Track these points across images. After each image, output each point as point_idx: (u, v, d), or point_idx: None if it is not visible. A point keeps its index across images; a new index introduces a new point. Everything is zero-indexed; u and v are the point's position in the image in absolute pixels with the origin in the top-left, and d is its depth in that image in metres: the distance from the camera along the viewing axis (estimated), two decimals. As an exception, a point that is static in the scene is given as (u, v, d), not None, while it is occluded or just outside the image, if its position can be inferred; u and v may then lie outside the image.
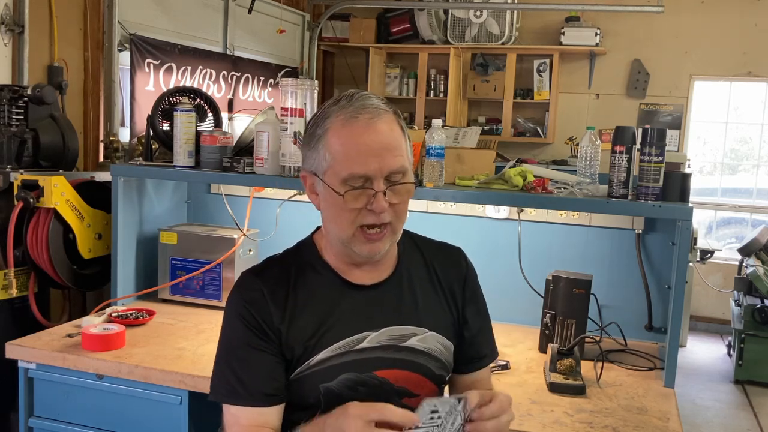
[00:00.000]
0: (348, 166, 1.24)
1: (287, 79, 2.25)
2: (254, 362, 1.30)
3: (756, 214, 6.11)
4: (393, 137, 1.27)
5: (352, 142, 1.25)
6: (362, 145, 1.24)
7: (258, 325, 1.31)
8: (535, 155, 6.14)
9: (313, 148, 1.30)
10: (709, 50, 5.88)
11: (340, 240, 1.31)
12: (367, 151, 1.24)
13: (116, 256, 2.54)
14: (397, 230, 1.32)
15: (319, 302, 1.34)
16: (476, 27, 6.00)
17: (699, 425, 3.97)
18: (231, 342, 1.34)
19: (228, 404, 1.31)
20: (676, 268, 2.11)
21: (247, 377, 1.30)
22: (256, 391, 1.29)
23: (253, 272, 1.38)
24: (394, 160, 1.26)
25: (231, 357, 1.32)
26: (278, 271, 1.37)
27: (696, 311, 5.80)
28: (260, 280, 1.35)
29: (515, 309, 2.55)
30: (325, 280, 1.36)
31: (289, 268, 1.37)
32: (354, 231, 1.28)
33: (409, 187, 1.30)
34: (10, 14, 3.16)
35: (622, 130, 2.11)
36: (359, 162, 1.24)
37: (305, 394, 1.31)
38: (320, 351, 1.31)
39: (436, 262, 1.46)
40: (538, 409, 1.87)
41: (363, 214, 1.27)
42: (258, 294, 1.33)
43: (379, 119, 1.27)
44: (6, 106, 2.62)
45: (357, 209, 1.26)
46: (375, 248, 1.30)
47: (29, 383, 2.13)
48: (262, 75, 5.06)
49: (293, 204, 2.71)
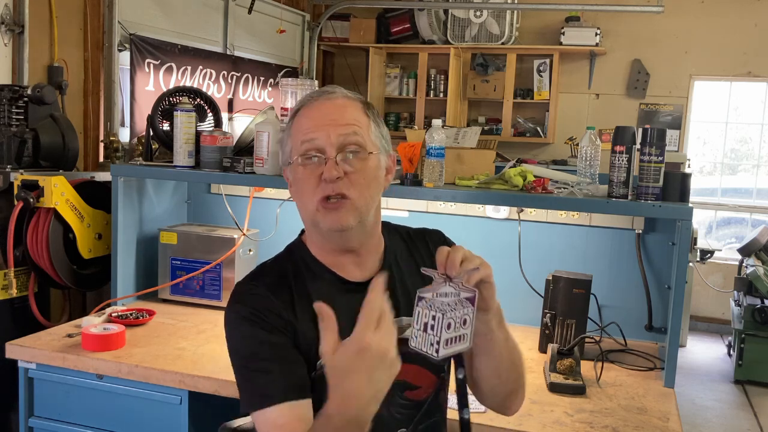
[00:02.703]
0: (300, 137, 1.30)
1: (287, 79, 2.25)
2: (276, 358, 1.26)
3: (756, 214, 6.11)
4: (347, 113, 1.32)
5: (306, 117, 1.31)
6: (314, 120, 1.30)
7: (268, 322, 1.27)
8: (535, 155, 6.13)
9: (284, 142, 1.36)
10: (709, 50, 5.87)
11: (310, 222, 1.33)
12: (317, 124, 1.30)
13: (116, 256, 2.54)
14: (359, 206, 1.30)
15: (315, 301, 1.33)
16: (476, 27, 6.00)
17: (699, 425, 3.97)
18: (246, 348, 1.28)
19: (261, 410, 1.23)
20: (676, 268, 2.11)
21: (274, 375, 1.24)
22: (285, 386, 1.24)
23: (249, 278, 1.36)
24: (345, 129, 1.29)
25: (250, 363, 1.26)
26: (276, 275, 1.35)
27: (696, 311, 5.80)
28: (258, 283, 1.33)
29: (515, 309, 2.54)
30: (322, 280, 1.35)
31: (285, 271, 1.36)
32: (316, 205, 1.30)
33: (363, 157, 1.30)
34: (10, 14, 3.17)
35: (622, 130, 2.12)
36: (310, 131, 1.30)
37: (319, 397, 1.26)
38: None
39: (421, 248, 1.47)
40: (538, 409, 1.87)
41: (321, 186, 1.29)
42: (260, 293, 1.30)
43: (336, 99, 1.33)
44: (6, 106, 2.62)
45: (315, 181, 1.29)
46: (336, 219, 1.29)
47: (29, 383, 2.13)
48: (262, 75, 5.06)
49: (293, 204, 2.68)
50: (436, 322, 1.13)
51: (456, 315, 1.15)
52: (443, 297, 1.15)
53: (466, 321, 1.17)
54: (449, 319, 1.14)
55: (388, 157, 1.38)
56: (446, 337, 1.14)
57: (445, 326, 1.13)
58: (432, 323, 1.13)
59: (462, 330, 1.16)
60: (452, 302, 1.15)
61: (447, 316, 1.13)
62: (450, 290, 1.16)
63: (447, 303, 1.15)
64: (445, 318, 1.13)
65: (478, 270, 1.18)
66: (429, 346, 1.13)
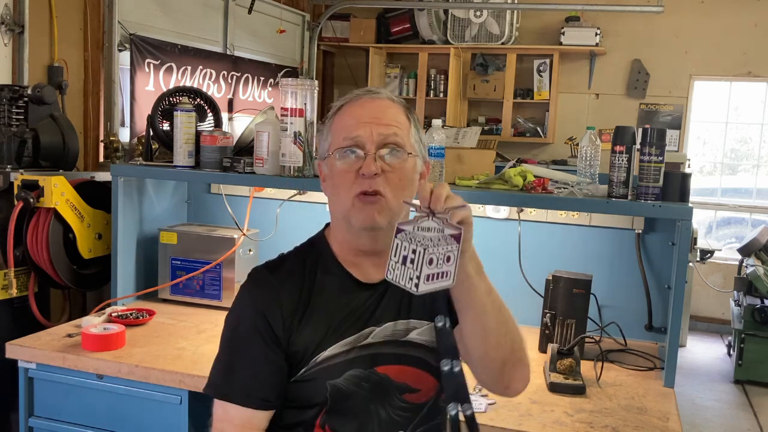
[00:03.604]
0: (343, 133, 1.32)
1: (287, 79, 2.25)
2: (259, 366, 1.30)
3: (756, 214, 6.11)
4: (390, 114, 1.34)
5: (349, 115, 1.34)
6: (357, 117, 1.32)
7: (268, 331, 1.31)
8: (535, 155, 6.13)
9: (323, 136, 1.38)
10: (709, 50, 5.88)
11: (342, 216, 1.33)
12: (359, 121, 1.31)
13: (116, 256, 2.54)
14: (392, 206, 1.30)
15: (328, 301, 1.34)
16: (476, 27, 6.00)
17: (699, 425, 3.97)
18: (239, 342, 1.33)
19: (225, 401, 1.31)
20: (676, 268, 2.11)
21: (251, 380, 1.30)
22: (257, 394, 1.30)
23: (267, 269, 1.38)
24: (386, 129, 1.31)
25: (236, 356, 1.32)
26: (291, 269, 1.37)
27: (696, 311, 5.80)
28: (274, 279, 1.35)
29: (515, 309, 2.51)
30: (336, 278, 1.36)
31: (302, 265, 1.38)
32: (352, 200, 1.30)
33: (402, 157, 1.31)
34: (10, 14, 3.17)
35: (622, 130, 2.12)
36: (352, 128, 1.31)
37: (312, 393, 1.31)
38: (326, 349, 1.31)
39: None
40: (538, 409, 1.87)
41: (358, 181, 1.30)
42: (271, 296, 1.33)
43: (380, 98, 1.35)
44: (6, 106, 2.62)
45: (352, 176, 1.30)
46: (369, 215, 1.29)
47: (29, 383, 2.13)
48: (262, 75, 5.06)
49: (293, 204, 2.71)
50: (417, 255, 1.08)
51: (439, 251, 1.09)
52: (425, 231, 1.11)
53: (450, 258, 1.11)
54: (431, 255, 1.08)
55: (424, 162, 1.40)
56: (427, 272, 1.08)
57: (427, 261, 1.08)
58: (412, 257, 1.09)
59: (445, 267, 1.11)
60: (435, 237, 1.10)
61: (428, 251, 1.08)
62: (433, 225, 1.11)
63: (429, 238, 1.10)
64: (426, 253, 1.08)
65: (463, 207, 1.14)
66: (408, 280, 1.09)
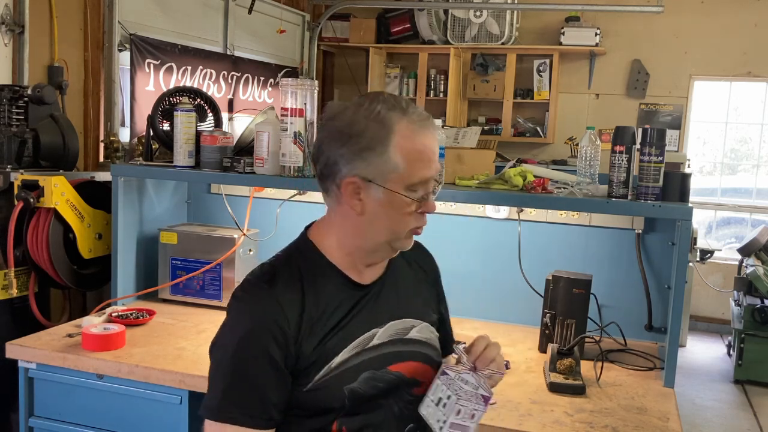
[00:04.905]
0: (420, 170, 1.29)
1: (287, 79, 2.25)
2: (265, 386, 1.25)
3: (756, 214, 6.11)
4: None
5: (424, 148, 1.30)
6: (429, 152, 1.31)
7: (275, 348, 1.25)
8: (535, 155, 6.14)
9: (372, 154, 1.27)
10: (709, 50, 5.88)
11: (386, 242, 1.34)
12: (432, 158, 1.31)
13: (116, 256, 2.54)
14: None
15: (331, 306, 1.32)
16: (476, 27, 6.00)
17: (699, 425, 3.97)
18: (242, 362, 1.25)
19: (225, 423, 1.23)
20: (676, 268, 2.11)
21: (256, 401, 1.24)
22: (262, 415, 1.25)
23: (264, 282, 1.31)
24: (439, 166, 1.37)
25: (238, 377, 1.25)
26: (288, 279, 1.32)
27: (696, 311, 5.80)
28: (275, 293, 1.29)
29: (515, 309, 2.55)
30: (334, 282, 1.35)
31: (297, 274, 1.33)
32: (407, 233, 1.34)
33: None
34: (10, 14, 3.17)
35: (622, 130, 2.12)
36: (428, 166, 1.30)
37: (330, 399, 1.29)
38: (337, 354, 1.30)
39: (415, 258, 1.53)
40: (538, 408, 1.87)
41: (417, 217, 1.33)
42: (275, 310, 1.26)
43: (434, 127, 1.35)
44: (6, 106, 2.62)
45: (415, 208, 1.31)
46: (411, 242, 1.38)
47: (29, 383, 2.13)
48: (262, 75, 5.06)
49: (293, 204, 2.71)
50: (449, 402, 1.24)
51: (467, 406, 1.24)
52: (463, 383, 1.26)
53: (474, 416, 1.25)
54: (460, 406, 1.24)
55: None
56: (453, 420, 1.24)
57: (455, 411, 1.23)
58: (446, 401, 1.24)
59: (468, 422, 1.25)
60: (468, 392, 1.25)
61: (460, 402, 1.24)
62: (471, 380, 1.26)
63: (464, 390, 1.25)
64: (458, 402, 1.23)
65: (501, 375, 1.30)
66: (436, 421, 1.25)
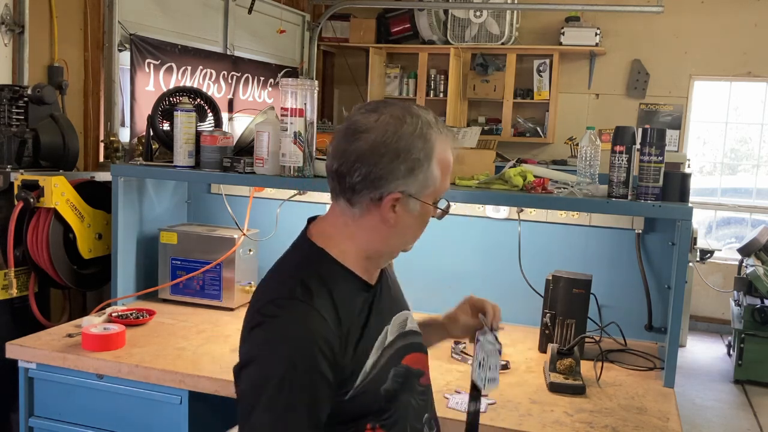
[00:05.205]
0: (446, 181, 1.39)
1: (287, 79, 2.25)
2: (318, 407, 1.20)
3: (756, 214, 6.11)
4: None
5: (450, 161, 1.40)
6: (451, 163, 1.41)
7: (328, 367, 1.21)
8: (535, 155, 6.14)
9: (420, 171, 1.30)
10: (709, 50, 5.88)
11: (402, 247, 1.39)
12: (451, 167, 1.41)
13: (116, 256, 2.54)
14: None
15: (356, 311, 1.32)
16: (476, 27, 6.00)
17: (699, 425, 3.98)
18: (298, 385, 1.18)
19: None
20: (676, 268, 2.11)
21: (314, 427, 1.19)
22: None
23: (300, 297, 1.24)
24: None
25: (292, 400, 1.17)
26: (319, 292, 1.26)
27: (696, 311, 5.80)
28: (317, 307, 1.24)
29: (515, 309, 2.55)
30: (352, 287, 1.35)
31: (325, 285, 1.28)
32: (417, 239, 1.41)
33: None
34: (10, 14, 3.16)
35: (622, 130, 2.12)
36: (449, 177, 1.40)
37: (370, 403, 1.28)
38: (368, 357, 1.30)
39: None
40: (538, 408, 1.87)
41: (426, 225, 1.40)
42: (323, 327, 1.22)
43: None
44: (6, 106, 2.62)
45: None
46: None
47: (29, 383, 2.13)
48: (262, 75, 5.06)
49: (293, 204, 2.71)
50: (485, 362, 1.47)
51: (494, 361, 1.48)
52: (489, 344, 1.49)
53: (498, 367, 1.49)
54: (491, 362, 1.47)
55: None
56: (490, 376, 1.47)
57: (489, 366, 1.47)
58: (482, 362, 1.47)
59: (496, 374, 1.49)
60: (493, 350, 1.49)
61: (490, 359, 1.48)
62: (491, 338, 1.49)
63: (491, 349, 1.48)
64: (489, 360, 1.47)
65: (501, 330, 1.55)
66: (480, 380, 1.47)
